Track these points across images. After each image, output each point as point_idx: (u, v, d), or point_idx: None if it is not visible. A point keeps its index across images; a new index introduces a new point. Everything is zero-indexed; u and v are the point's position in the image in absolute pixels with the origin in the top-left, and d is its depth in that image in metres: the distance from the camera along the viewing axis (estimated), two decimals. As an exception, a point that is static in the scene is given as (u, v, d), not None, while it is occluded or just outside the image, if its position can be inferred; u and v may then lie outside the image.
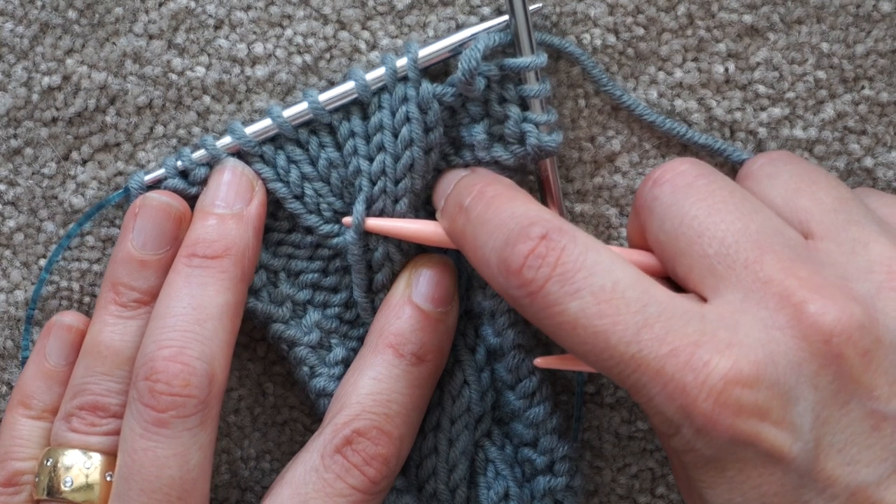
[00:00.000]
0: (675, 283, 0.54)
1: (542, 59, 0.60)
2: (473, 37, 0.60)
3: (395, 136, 0.60)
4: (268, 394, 0.66)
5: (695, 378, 0.49)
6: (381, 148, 0.60)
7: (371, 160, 0.61)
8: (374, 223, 0.60)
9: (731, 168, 0.63)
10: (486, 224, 0.54)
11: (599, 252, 0.52)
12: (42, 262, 0.64)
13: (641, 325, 0.50)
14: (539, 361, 0.58)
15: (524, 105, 0.61)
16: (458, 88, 0.60)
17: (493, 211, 0.55)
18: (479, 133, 0.61)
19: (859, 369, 0.50)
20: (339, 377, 0.62)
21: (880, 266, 0.52)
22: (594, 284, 0.51)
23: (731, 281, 0.51)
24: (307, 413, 0.66)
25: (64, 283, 0.64)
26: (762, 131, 0.63)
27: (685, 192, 0.54)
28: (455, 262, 0.62)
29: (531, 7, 0.60)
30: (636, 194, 0.56)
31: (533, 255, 0.52)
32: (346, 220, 0.61)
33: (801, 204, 0.55)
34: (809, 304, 0.50)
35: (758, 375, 0.49)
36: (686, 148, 0.63)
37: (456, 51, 0.61)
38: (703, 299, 0.52)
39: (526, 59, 0.60)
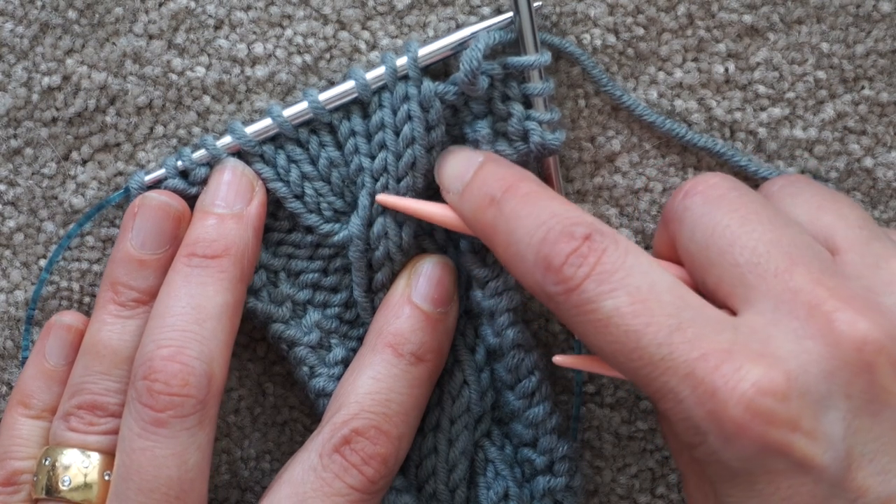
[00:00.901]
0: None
1: (546, 57, 0.60)
2: (474, 35, 0.60)
3: (397, 134, 0.60)
4: (268, 394, 0.66)
5: (725, 384, 0.49)
6: (382, 146, 0.60)
7: (373, 158, 0.61)
8: (386, 198, 0.60)
9: (730, 170, 0.63)
10: (523, 220, 0.54)
11: (639, 256, 0.52)
12: (42, 262, 0.64)
13: (674, 329, 0.50)
14: (558, 359, 0.58)
15: (528, 103, 0.61)
16: (462, 88, 0.60)
17: (530, 208, 0.55)
18: (483, 128, 0.61)
19: (891, 378, 0.50)
20: (339, 377, 0.62)
21: None
22: (630, 285, 0.51)
23: (761, 291, 0.51)
24: (307, 413, 0.66)
25: (64, 283, 0.64)
26: (762, 131, 0.63)
27: (717, 203, 0.54)
28: (455, 263, 0.62)
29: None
30: (665, 206, 0.56)
31: (576, 254, 0.52)
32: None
33: (826, 221, 0.55)
34: (841, 314, 0.50)
35: (789, 386, 0.49)
36: (686, 149, 0.63)
37: (456, 50, 0.61)
38: (733, 314, 0.52)
39: (530, 58, 0.60)
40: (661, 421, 0.58)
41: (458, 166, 0.60)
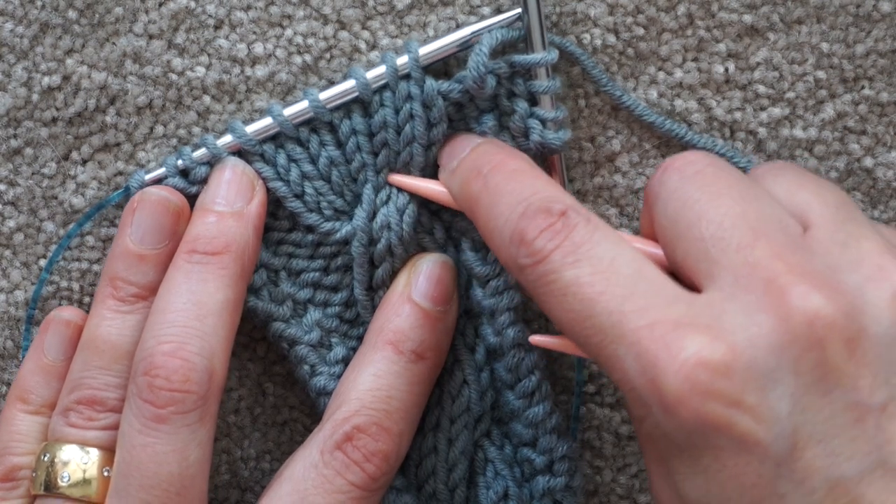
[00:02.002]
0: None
1: (553, 54, 0.60)
2: (475, 34, 0.60)
3: (398, 132, 0.60)
4: (268, 394, 0.66)
5: (668, 353, 0.48)
6: (384, 144, 0.61)
7: (376, 154, 0.61)
8: (396, 178, 0.61)
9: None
10: (505, 195, 0.55)
11: (607, 232, 0.52)
12: (42, 262, 0.64)
13: (626, 298, 0.50)
14: (534, 339, 0.58)
15: (533, 100, 0.61)
16: (470, 91, 0.60)
17: (514, 184, 0.55)
18: (489, 121, 0.61)
19: (843, 358, 0.49)
20: (340, 376, 0.62)
21: (870, 260, 0.51)
22: (594, 257, 0.51)
23: (722, 265, 0.50)
24: (307, 413, 0.66)
25: (64, 283, 0.64)
26: (762, 131, 0.63)
27: (692, 179, 0.53)
28: (455, 262, 0.62)
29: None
30: (646, 187, 0.56)
31: (549, 229, 0.52)
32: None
33: (802, 197, 0.54)
34: (794, 288, 0.49)
35: (734, 359, 0.48)
36: (686, 149, 0.63)
37: (458, 49, 0.61)
38: (699, 290, 0.51)
39: (537, 56, 0.60)
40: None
41: (458, 145, 0.60)
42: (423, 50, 0.60)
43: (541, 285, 0.52)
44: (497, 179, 0.56)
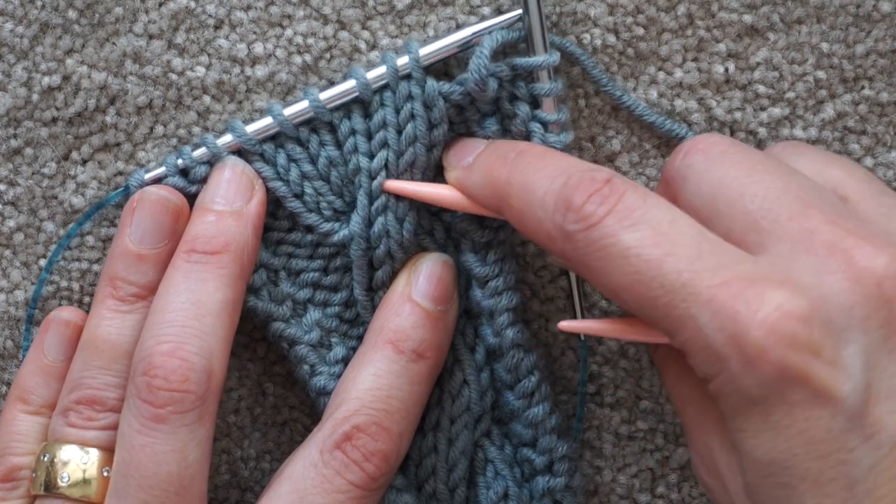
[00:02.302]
0: None
1: (555, 57, 0.60)
2: (475, 35, 0.60)
3: (399, 133, 0.60)
4: (268, 394, 0.66)
5: (747, 308, 0.48)
6: (383, 145, 0.60)
7: (371, 157, 0.61)
8: (393, 184, 0.61)
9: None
10: (542, 170, 0.55)
11: (658, 198, 0.53)
12: (42, 262, 0.64)
13: (695, 258, 0.50)
14: (564, 324, 0.58)
15: (535, 103, 0.61)
16: (472, 94, 0.60)
17: (548, 160, 0.56)
18: (492, 125, 0.61)
19: None
20: (340, 376, 0.62)
21: None
22: (652, 219, 0.51)
23: (776, 234, 0.51)
24: (307, 413, 0.66)
25: (64, 283, 0.64)
26: (762, 131, 0.63)
27: (721, 158, 0.54)
28: (454, 262, 0.62)
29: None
30: (665, 167, 0.56)
31: (597, 193, 0.52)
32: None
33: (833, 173, 0.55)
34: (859, 250, 0.50)
35: (812, 312, 0.48)
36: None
37: (458, 50, 0.61)
38: None
39: (539, 59, 0.60)
40: (661, 362, 0.58)
41: (467, 146, 0.60)
42: (424, 50, 0.60)
43: (594, 250, 0.52)
44: (527, 160, 0.56)
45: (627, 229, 0.51)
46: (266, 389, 0.66)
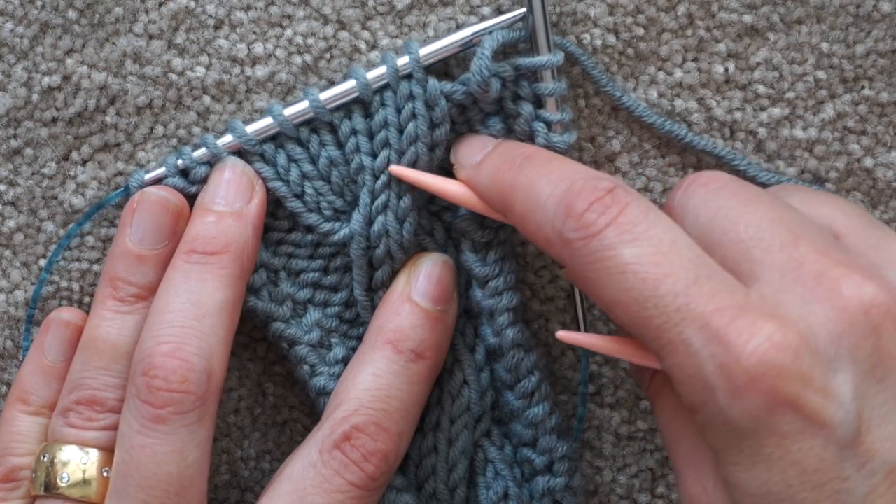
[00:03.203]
0: None
1: (558, 57, 0.60)
2: (475, 35, 0.60)
3: (401, 132, 0.60)
4: (268, 394, 0.66)
5: (739, 336, 0.48)
6: (385, 144, 0.60)
7: (374, 156, 0.61)
8: (399, 169, 0.61)
9: (730, 172, 0.63)
10: (547, 175, 0.55)
11: (660, 214, 0.52)
12: (42, 262, 0.64)
13: (692, 282, 0.50)
14: (562, 335, 0.57)
15: (539, 102, 0.61)
16: (475, 95, 0.60)
17: (555, 165, 0.55)
18: (496, 124, 0.61)
19: None
20: (339, 376, 0.62)
21: None
22: (653, 237, 0.51)
23: (767, 264, 0.51)
24: (307, 413, 0.66)
25: (64, 283, 0.64)
26: (762, 131, 0.63)
27: (719, 191, 0.54)
28: (454, 262, 0.62)
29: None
30: (667, 202, 0.56)
31: (599, 202, 0.52)
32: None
33: (824, 211, 0.55)
34: (847, 280, 0.50)
35: (801, 343, 0.48)
36: (686, 149, 0.63)
37: (458, 50, 0.61)
38: None
39: (542, 58, 0.60)
40: (655, 395, 0.57)
41: (478, 142, 0.60)
42: (424, 50, 0.60)
43: (593, 262, 0.51)
44: (534, 165, 0.56)
45: (627, 244, 0.51)
46: (266, 389, 0.66)
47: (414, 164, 0.60)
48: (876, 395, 0.49)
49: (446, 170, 0.61)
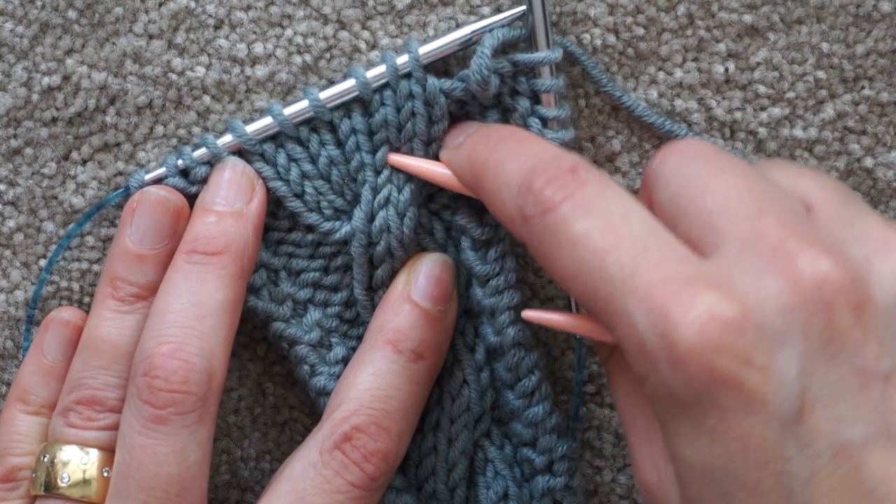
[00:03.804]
0: None
1: (557, 53, 0.60)
2: (475, 33, 0.60)
3: (400, 131, 0.60)
4: (268, 394, 0.66)
5: (680, 307, 0.47)
6: (384, 142, 0.61)
7: (374, 154, 0.61)
8: (396, 158, 0.61)
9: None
10: (515, 155, 0.54)
11: (618, 190, 0.52)
12: (42, 262, 0.64)
13: (640, 252, 0.49)
14: (527, 313, 0.57)
15: (537, 99, 0.61)
16: (474, 92, 0.60)
17: (525, 145, 0.55)
18: (493, 115, 0.61)
19: (850, 322, 0.48)
20: (339, 376, 0.62)
21: (875, 234, 0.51)
22: (605, 212, 0.51)
23: (728, 233, 0.50)
24: (307, 413, 0.66)
25: (64, 283, 0.64)
26: (762, 131, 0.63)
27: (694, 158, 0.53)
28: (454, 261, 0.62)
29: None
30: (645, 171, 0.55)
31: (558, 179, 0.52)
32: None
33: (802, 183, 0.54)
34: (803, 252, 0.48)
35: (744, 318, 0.47)
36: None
37: (458, 48, 0.61)
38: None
39: (540, 55, 0.60)
40: (612, 370, 0.57)
41: (464, 125, 0.60)
42: (424, 49, 0.60)
43: (547, 235, 0.51)
44: (508, 143, 0.56)
45: (580, 218, 0.51)
46: (266, 389, 0.66)
47: None
48: (826, 374, 0.48)
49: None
